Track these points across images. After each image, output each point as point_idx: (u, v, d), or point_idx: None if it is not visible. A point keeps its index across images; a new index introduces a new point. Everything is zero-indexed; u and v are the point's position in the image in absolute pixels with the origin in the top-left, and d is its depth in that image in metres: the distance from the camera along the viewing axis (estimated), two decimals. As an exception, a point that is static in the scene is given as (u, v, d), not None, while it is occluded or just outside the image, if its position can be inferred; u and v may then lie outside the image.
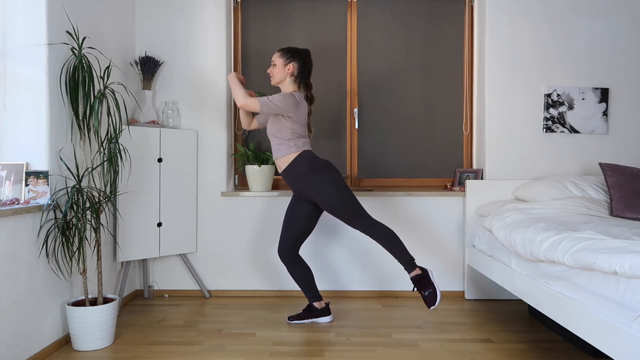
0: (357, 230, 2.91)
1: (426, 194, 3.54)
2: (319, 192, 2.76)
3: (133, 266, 3.53)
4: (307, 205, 2.91)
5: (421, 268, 2.77)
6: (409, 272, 2.76)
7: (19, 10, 2.46)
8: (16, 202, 2.37)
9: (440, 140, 3.77)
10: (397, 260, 2.80)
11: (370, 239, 2.96)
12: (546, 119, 3.53)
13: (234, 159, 3.76)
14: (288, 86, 2.89)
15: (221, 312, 3.22)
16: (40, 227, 2.43)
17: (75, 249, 2.52)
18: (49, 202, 2.45)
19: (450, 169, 3.77)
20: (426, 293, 2.70)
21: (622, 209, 2.83)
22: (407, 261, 2.76)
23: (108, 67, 2.80)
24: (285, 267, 3.57)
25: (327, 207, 2.79)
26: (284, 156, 2.82)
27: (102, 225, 2.71)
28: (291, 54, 2.88)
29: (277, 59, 2.88)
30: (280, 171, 2.89)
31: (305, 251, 3.54)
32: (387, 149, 3.76)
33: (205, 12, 3.55)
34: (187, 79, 3.57)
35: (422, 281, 2.72)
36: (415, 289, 2.76)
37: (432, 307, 2.69)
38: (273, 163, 3.52)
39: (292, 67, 2.86)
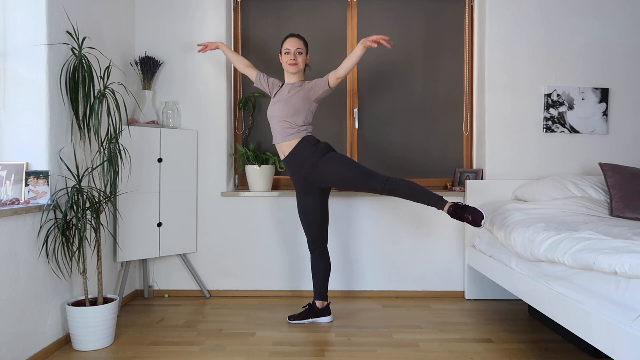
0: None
1: (426, 194, 3.54)
2: (328, 164, 2.77)
3: (133, 266, 3.53)
4: (313, 194, 2.91)
5: (452, 203, 2.69)
6: (442, 209, 2.68)
7: (19, 10, 2.46)
8: (16, 202, 2.37)
9: (440, 140, 3.77)
10: (428, 205, 2.71)
11: (395, 195, 2.77)
12: (546, 119, 3.53)
13: (234, 159, 3.76)
14: (301, 75, 2.95)
15: (221, 312, 3.22)
16: (40, 227, 2.43)
17: (75, 249, 2.52)
18: (49, 202, 2.45)
19: (450, 169, 3.77)
20: (470, 217, 2.60)
21: (622, 209, 2.83)
22: (436, 200, 2.68)
23: (108, 67, 2.80)
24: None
25: (341, 182, 2.79)
26: (289, 140, 2.82)
27: (102, 225, 2.71)
28: (307, 43, 2.97)
29: (303, 47, 2.92)
30: (283, 156, 2.88)
31: (304, 250, 3.55)
32: (387, 149, 3.76)
33: (205, 12, 3.55)
34: (187, 79, 3.57)
35: (459, 209, 2.64)
36: (457, 219, 2.65)
37: (483, 222, 2.59)
38: (273, 163, 3.52)
39: (309, 57, 2.99)
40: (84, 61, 2.60)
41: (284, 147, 2.84)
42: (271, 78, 3.08)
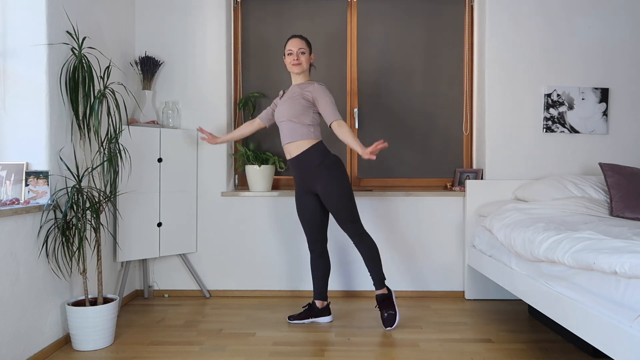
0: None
1: (426, 194, 3.54)
2: (327, 185, 2.78)
3: (133, 266, 3.53)
4: (312, 196, 2.92)
5: (388, 288, 2.90)
6: (377, 289, 2.89)
7: (19, 10, 2.47)
8: (16, 202, 2.37)
9: (440, 140, 3.77)
10: (370, 274, 2.91)
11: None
12: (546, 119, 3.53)
13: (234, 159, 3.76)
14: (307, 75, 2.94)
15: (221, 312, 3.22)
16: (40, 227, 2.43)
17: (75, 249, 2.52)
18: (49, 202, 2.45)
19: (450, 169, 3.77)
20: (386, 315, 2.85)
21: (622, 209, 2.83)
22: (379, 279, 2.89)
23: (108, 67, 2.80)
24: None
25: (328, 202, 2.81)
26: (298, 141, 2.81)
27: (102, 225, 2.71)
28: (309, 43, 2.97)
29: (306, 47, 2.91)
30: (289, 157, 2.87)
31: (304, 250, 3.55)
32: (387, 149, 3.76)
33: (205, 12, 3.55)
34: (187, 79, 3.57)
35: (387, 302, 2.87)
36: (377, 307, 2.90)
37: (389, 329, 2.82)
38: (273, 163, 3.52)
39: (313, 56, 2.97)
40: (84, 61, 2.60)
41: (292, 147, 2.84)
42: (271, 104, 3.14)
